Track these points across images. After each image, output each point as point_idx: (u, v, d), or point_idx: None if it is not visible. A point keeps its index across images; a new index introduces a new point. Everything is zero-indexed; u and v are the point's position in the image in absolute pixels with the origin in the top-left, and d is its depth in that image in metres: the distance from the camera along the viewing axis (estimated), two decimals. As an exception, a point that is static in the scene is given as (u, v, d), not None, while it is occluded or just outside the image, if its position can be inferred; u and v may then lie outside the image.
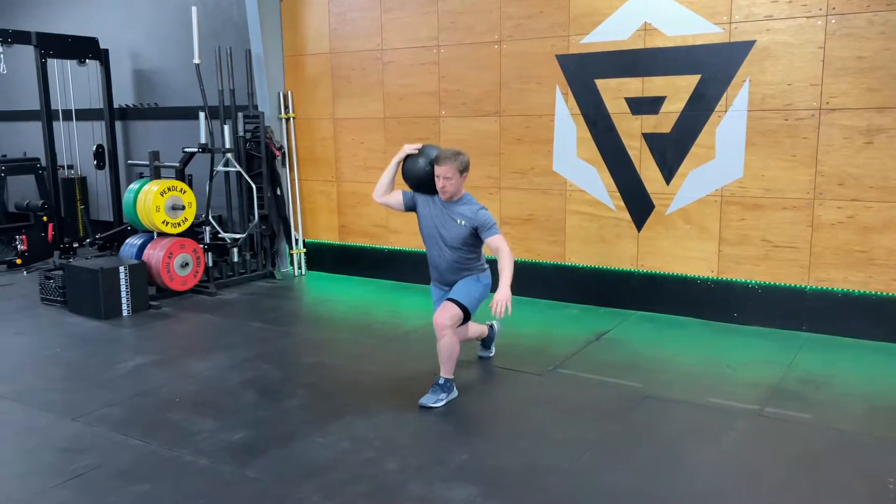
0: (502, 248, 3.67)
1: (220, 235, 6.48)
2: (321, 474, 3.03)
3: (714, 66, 4.93)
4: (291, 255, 6.98)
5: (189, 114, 6.94)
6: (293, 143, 6.86)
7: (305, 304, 6.23)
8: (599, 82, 5.34)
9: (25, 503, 2.82)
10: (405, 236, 6.38)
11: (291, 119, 6.84)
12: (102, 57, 7.53)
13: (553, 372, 4.23)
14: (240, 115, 6.76)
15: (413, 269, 6.33)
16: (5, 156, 7.72)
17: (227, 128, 6.49)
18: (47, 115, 7.26)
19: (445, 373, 3.80)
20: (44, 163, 7.45)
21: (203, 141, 6.24)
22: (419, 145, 3.89)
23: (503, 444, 3.32)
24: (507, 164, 5.81)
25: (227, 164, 6.52)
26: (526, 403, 3.82)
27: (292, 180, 6.91)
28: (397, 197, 3.95)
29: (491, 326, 4.44)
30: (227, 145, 6.46)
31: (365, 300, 6.03)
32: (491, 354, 4.50)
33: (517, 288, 5.67)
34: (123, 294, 5.50)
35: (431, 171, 3.75)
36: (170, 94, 7.63)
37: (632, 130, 5.26)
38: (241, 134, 6.72)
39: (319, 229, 6.96)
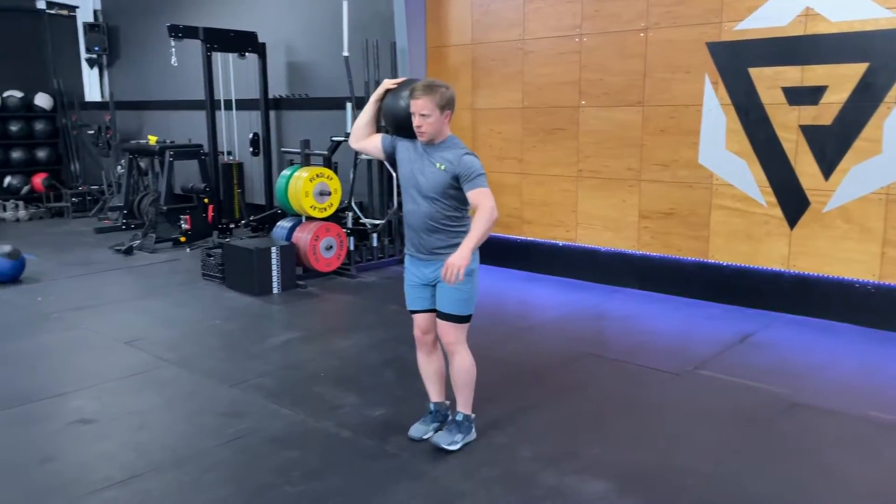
0: (483, 205, 2.88)
1: (361, 221, 6.77)
2: (455, 456, 3.11)
3: (884, 54, 4.53)
4: (427, 242, 7.14)
5: (337, 104, 7.28)
6: (432, 132, 7.00)
7: (439, 291, 6.37)
8: (753, 71, 5.07)
9: (191, 459, 3.11)
10: (539, 227, 6.37)
11: (432, 109, 6.98)
12: (261, 50, 8.04)
13: (692, 372, 4.09)
14: (383, 105, 6.99)
15: (545, 260, 6.32)
16: (173, 142, 8.43)
17: (371, 117, 6.73)
18: (211, 105, 7.86)
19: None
20: (206, 149, 8.08)
21: (349, 130, 6.52)
22: (401, 79, 3.22)
23: (638, 442, 3.26)
24: (649, 155, 5.65)
25: (369, 152, 6.77)
26: (663, 403, 3.73)
27: (430, 169, 7.06)
28: (375, 141, 3.26)
29: (468, 417, 3.29)
30: (371, 134, 6.70)
31: (495, 289, 6.09)
32: (447, 447, 3.20)
33: (657, 283, 5.66)
34: (274, 273, 5.88)
35: None
36: (319, 86, 8.01)
37: (787, 122, 4.96)
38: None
39: (455, 218, 7.08)
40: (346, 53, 6.63)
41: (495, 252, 6.74)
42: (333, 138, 6.75)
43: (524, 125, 6.38)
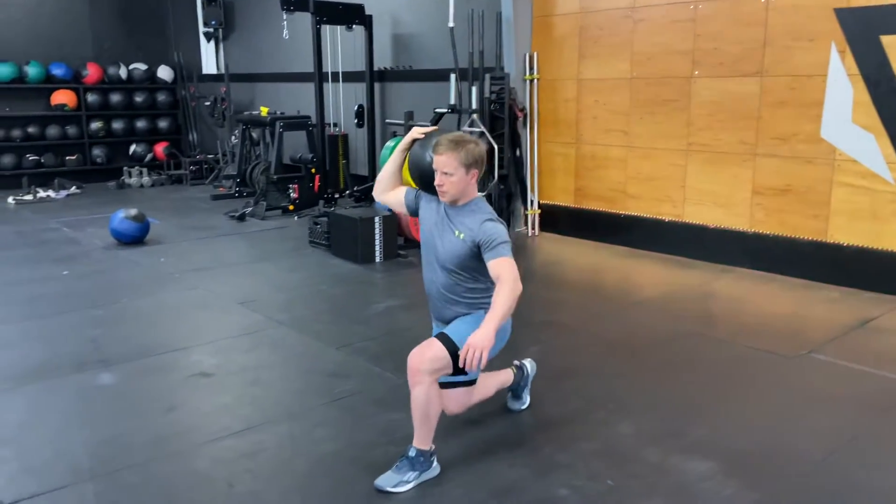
0: (505, 277, 2.52)
1: (462, 192, 6.79)
2: (553, 429, 3.12)
3: None
4: (526, 216, 7.12)
5: (440, 76, 7.31)
6: (535, 104, 6.93)
7: (537, 264, 6.35)
8: (886, 39, 4.70)
9: (301, 415, 3.27)
10: (644, 202, 6.21)
11: (535, 80, 6.91)
12: (367, 22, 8.16)
13: (807, 356, 3.91)
14: (487, 76, 6.97)
15: (649, 236, 6.16)
16: (283, 113, 8.73)
17: (474, 89, 6.74)
18: (319, 77, 8.08)
19: (418, 441, 2.70)
20: (314, 120, 8.33)
21: (452, 102, 6.55)
22: (431, 128, 2.96)
23: (746, 425, 3.16)
24: (766, 128, 5.37)
25: (472, 124, 6.78)
26: (774, 386, 3.59)
27: (531, 142, 7.01)
28: (399, 195, 2.98)
29: (519, 367, 3.26)
30: (474, 106, 6.72)
31: (597, 265, 6.00)
32: (523, 406, 3.27)
33: (770, 262, 5.42)
34: (377, 242, 6.03)
35: None
36: (423, 58, 8.07)
37: (924, 93, 4.59)
38: (486, 95, 6.94)
39: (555, 191, 7.01)
40: (451, 24, 6.63)
41: (597, 227, 6.64)
42: (437, 110, 6.80)
43: (632, 96, 6.20)
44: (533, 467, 2.81)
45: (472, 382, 2.89)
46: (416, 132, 2.92)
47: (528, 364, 3.30)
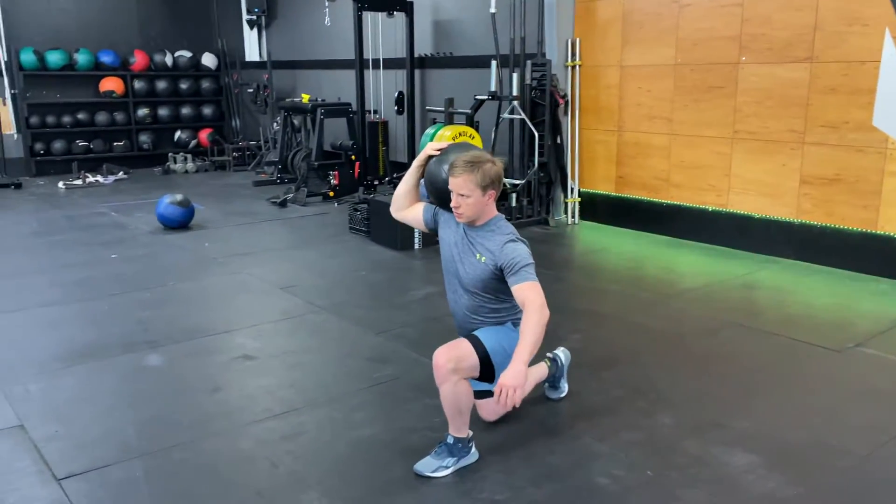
0: (531, 301, 2.44)
1: (502, 180, 6.77)
2: (593, 417, 3.12)
3: None
4: (566, 204, 7.07)
5: (481, 62, 7.28)
6: (576, 91, 6.86)
7: (577, 253, 6.31)
8: (946, 22, 4.54)
9: (341, 398, 3.32)
10: (687, 191, 6.11)
11: (577, 67, 6.83)
12: (408, 9, 8.16)
13: (853, 350, 3.82)
14: (528, 63, 6.92)
15: (692, 225, 6.07)
16: (324, 100, 8.81)
17: (515, 76, 6.70)
18: (360, 64, 8.12)
19: (453, 430, 2.71)
20: (354, 107, 8.37)
21: (493, 88, 6.52)
22: (445, 144, 2.87)
23: (790, 418, 3.11)
24: (815, 116, 5.23)
25: (512, 111, 6.75)
26: (819, 379, 3.52)
27: (572, 129, 6.94)
28: (416, 212, 2.95)
29: (553, 360, 3.22)
30: (514, 93, 6.68)
31: (639, 254, 5.93)
32: (562, 395, 3.25)
33: (816, 253, 5.30)
34: (416, 229, 6.04)
35: None
36: (464, 44, 8.04)
37: None
38: (527, 82, 6.89)
39: (596, 179, 6.94)
40: (492, 10, 6.59)
41: (638, 216, 6.56)
42: (477, 97, 6.78)
43: (676, 83, 6.09)
44: (572, 455, 2.81)
45: (484, 355, 2.74)
46: (431, 148, 2.84)
47: (562, 354, 3.26)
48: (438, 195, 2.82)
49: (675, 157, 6.18)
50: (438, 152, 2.83)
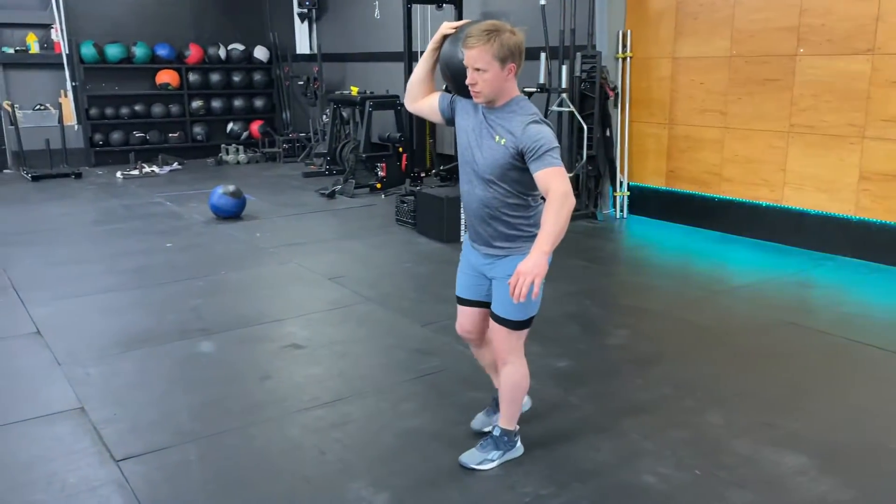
0: (555, 189, 2.22)
1: (549, 173, 6.73)
2: (641, 414, 3.09)
3: None
4: (615, 198, 6.99)
5: (530, 54, 7.12)
6: (627, 83, 6.77)
7: (626, 247, 6.24)
8: None
9: (387, 389, 3.36)
10: (740, 185, 5.98)
11: (628, 59, 6.73)
12: (457, 1, 8.14)
13: (913, 352, 3.70)
14: (578, 55, 6.84)
15: (744, 221, 5.94)
16: (372, 93, 8.87)
17: (564, 68, 6.63)
18: (408, 57, 8.14)
19: (504, 421, 2.66)
20: (402, 100, 8.40)
21: (542, 81, 6.48)
22: (463, 21, 2.50)
23: (843, 420, 3.04)
24: (877, 109, 5.06)
25: (561, 103, 6.69)
26: (874, 381, 3.42)
27: (622, 122, 6.85)
28: (432, 101, 2.61)
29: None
30: (563, 85, 6.62)
31: (688, 249, 5.84)
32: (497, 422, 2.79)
33: (875, 251, 5.14)
34: (462, 221, 6.06)
35: None
36: (512, 36, 7.98)
37: None
38: (577, 74, 6.82)
39: (646, 173, 6.84)
40: (542, 2, 6.54)
41: (689, 210, 6.44)
42: (525, 89, 6.72)
43: (730, 75, 5.96)
44: (618, 452, 2.80)
45: (522, 325, 2.57)
46: (446, 27, 2.48)
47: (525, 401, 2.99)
48: (455, 78, 2.45)
49: (727, 150, 6.04)
50: (454, 30, 2.46)
